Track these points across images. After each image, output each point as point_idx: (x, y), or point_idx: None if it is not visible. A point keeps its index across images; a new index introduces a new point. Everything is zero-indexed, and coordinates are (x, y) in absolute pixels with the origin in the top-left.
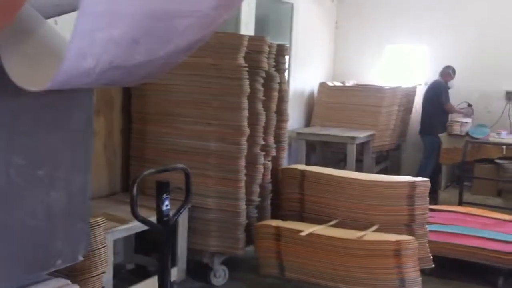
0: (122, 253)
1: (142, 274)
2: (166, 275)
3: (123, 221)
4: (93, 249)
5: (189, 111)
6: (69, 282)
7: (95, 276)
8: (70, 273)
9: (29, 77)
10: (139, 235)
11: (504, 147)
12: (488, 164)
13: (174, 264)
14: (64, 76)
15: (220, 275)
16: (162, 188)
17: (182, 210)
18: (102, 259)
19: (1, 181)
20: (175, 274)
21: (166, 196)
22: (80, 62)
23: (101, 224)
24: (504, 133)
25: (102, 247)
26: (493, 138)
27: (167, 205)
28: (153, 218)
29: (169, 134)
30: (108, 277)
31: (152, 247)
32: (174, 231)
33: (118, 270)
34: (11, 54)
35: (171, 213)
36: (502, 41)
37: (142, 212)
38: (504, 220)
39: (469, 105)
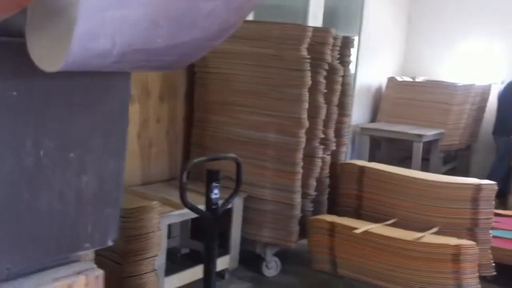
0: (178, 238)
1: (196, 259)
2: (212, 263)
3: (179, 206)
4: (146, 232)
5: (250, 101)
6: (94, 266)
7: (147, 258)
8: (123, 254)
9: (49, 56)
10: (195, 221)
11: None
12: None
13: (227, 251)
14: (75, 57)
15: (272, 266)
16: (212, 176)
17: (231, 199)
18: (155, 243)
19: (30, 163)
20: (227, 262)
21: (216, 184)
22: (91, 43)
23: (156, 208)
24: None
25: (156, 231)
26: None
27: (216, 194)
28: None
29: (229, 124)
30: (160, 260)
31: None
32: (224, 220)
33: (173, 254)
34: (34, 31)
35: (221, 202)
36: None
37: (196, 198)
38: None
39: None
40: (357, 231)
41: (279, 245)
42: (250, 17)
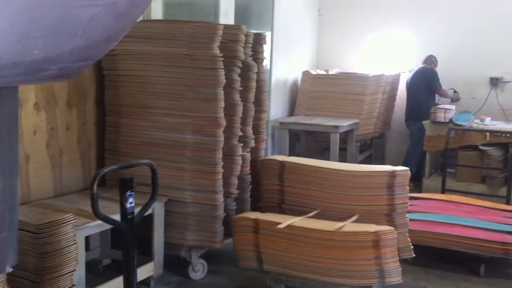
0: (98, 249)
1: (118, 269)
2: (132, 274)
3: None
4: (61, 247)
5: (164, 103)
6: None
7: (65, 274)
8: (38, 272)
9: None
10: (116, 230)
11: (488, 133)
12: (472, 151)
13: (150, 258)
14: None
15: (198, 269)
16: (125, 185)
17: (147, 207)
18: (72, 257)
19: None
20: (151, 269)
21: (131, 193)
22: None
23: (70, 221)
24: (488, 120)
25: (72, 245)
26: (476, 124)
27: (131, 203)
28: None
29: (143, 127)
30: (80, 274)
31: None
32: (146, 225)
33: (93, 266)
34: None
35: (137, 210)
36: (486, 27)
37: (112, 208)
38: (487, 208)
39: (455, 92)
40: (281, 226)
41: (204, 247)
42: (160, 16)
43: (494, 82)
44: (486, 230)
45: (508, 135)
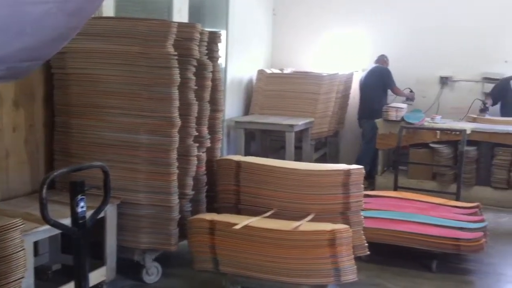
0: (48, 254)
1: (69, 274)
2: (84, 281)
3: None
4: (8, 254)
5: (117, 103)
6: None
7: (12, 282)
8: None
9: None
10: (66, 234)
11: (438, 131)
12: (423, 148)
13: (103, 263)
14: None
15: (152, 272)
16: (76, 188)
17: (99, 211)
18: (19, 264)
19: None
20: (104, 273)
21: (82, 196)
22: None
23: (18, 226)
24: (438, 118)
25: (19, 251)
26: (427, 123)
27: (82, 207)
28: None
29: (95, 127)
30: (28, 281)
31: None
32: (98, 229)
33: (43, 272)
34: None
35: (89, 214)
36: (435, 27)
37: (63, 212)
38: (438, 204)
39: (411, 91)
40: (237, 227)
41: (158, 250)
42: (112, 13)
43: (444, 81)
44: (438, 226)
45: (457, 133)
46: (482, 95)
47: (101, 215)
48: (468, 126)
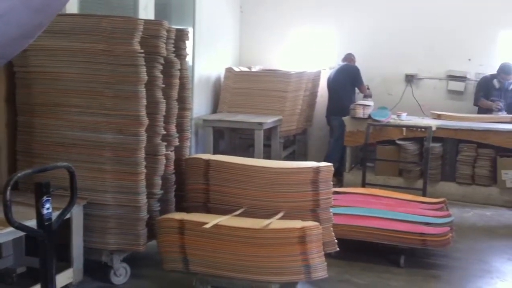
0: (12, 257)
1: (34, 277)
2: (50, 284)
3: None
4: None
5: (80, 101)
6: None
7: None
8: None
9: None
10: (30, 236)
11: (404, 128)
12: (389, 145)
13: (69, 265)
14: None
15: (121, 273)
16: (41, 189)
17: (66, 213)
18: None
19: None
20: (70, 275)
21: (47, 198)
22: None
23: None
24: (404, 115)
25: None
26: (393, 120)
27: (48, 208)
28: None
29: (59, 127)
30: None
31: None
32: (64, 230)
33: (7, 275)
34: None
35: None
36: (400, 26)
37: (27, 213)
38: (405, 200)
39: (368, 88)
40: (207, 226)
41: (126, 251)
42: (75, 10)
43: (409, 78)
44: (405, 222)
45: (423, 129)
46: (447, 93)
47: (67, 216)
48: (434, 123)
